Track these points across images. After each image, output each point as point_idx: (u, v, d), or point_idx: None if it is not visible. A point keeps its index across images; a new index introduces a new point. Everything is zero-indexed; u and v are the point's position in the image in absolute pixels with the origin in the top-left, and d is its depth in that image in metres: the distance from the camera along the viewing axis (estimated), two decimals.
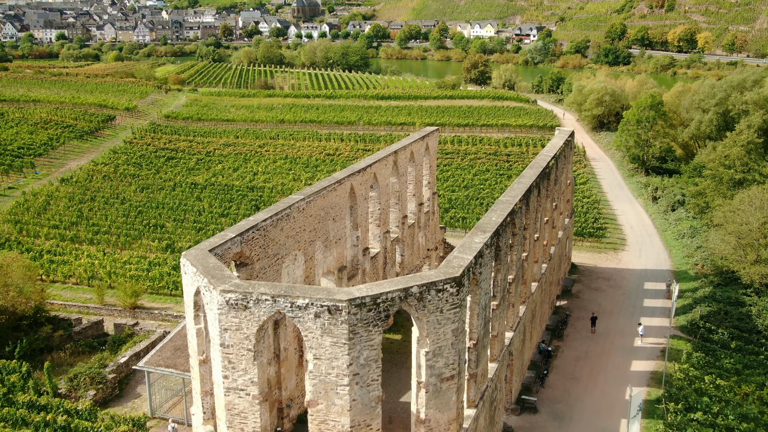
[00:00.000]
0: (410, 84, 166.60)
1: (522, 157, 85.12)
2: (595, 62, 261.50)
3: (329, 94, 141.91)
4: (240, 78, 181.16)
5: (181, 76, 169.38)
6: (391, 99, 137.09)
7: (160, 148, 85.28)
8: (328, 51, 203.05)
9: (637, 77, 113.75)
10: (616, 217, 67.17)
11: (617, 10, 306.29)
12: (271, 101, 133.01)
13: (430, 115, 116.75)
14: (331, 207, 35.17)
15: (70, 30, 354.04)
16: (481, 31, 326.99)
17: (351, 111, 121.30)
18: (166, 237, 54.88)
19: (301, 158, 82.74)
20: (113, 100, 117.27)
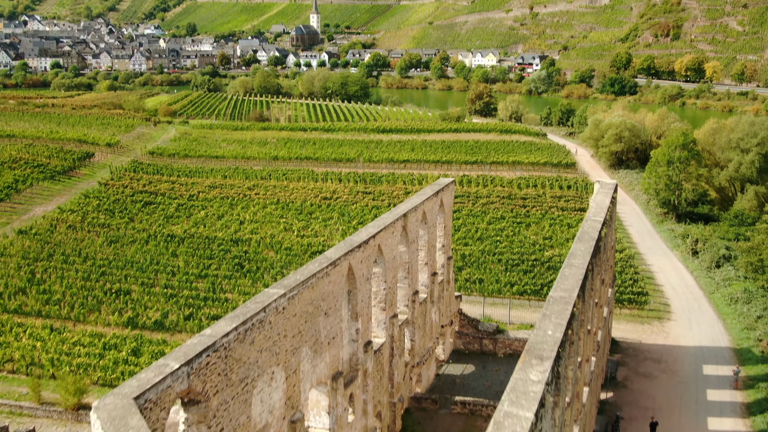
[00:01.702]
0: (412, 116, 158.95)
1: (539, 201, 76.68)
2: (601, 92, 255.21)
3: (327, 127, 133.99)
4: (235, 109, 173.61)
5: (173, 107, 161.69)
6: (392, 132, 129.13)
7: (138, 191, 76.76)
8: (327, 80, 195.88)
9: (658, 111, 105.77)
10: (654, 276, 58.49)
11: (621, 39, 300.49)
12: (265, 135, 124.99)
13: (435, 150, 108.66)
14: (323, 298, 26.62)
15: (66, 58, 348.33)
16: (482, 59, 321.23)
17: (350, 146, 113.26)
18: (130, 307, 46.18)
19: (294, 203, 74.23)
20: (95, 134, 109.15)
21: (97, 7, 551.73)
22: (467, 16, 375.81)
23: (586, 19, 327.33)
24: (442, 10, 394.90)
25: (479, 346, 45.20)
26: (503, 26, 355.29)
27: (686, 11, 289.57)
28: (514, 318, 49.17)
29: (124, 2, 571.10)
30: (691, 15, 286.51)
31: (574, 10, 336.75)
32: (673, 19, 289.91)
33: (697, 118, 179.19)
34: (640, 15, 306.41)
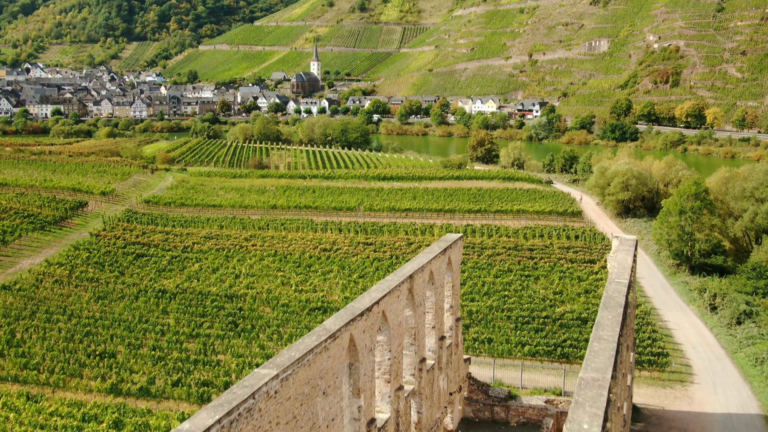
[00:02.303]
0: (413, 162, 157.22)
1: (547, 252, 73.83)
2: (602, 138, 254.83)
3: (327, 174, 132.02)
4: (234, 156, 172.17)
5: (171, 154, 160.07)
6: (393, 180, 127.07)
7: (130, 243, 73.91)
8: (327, 127, 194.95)
9: (664, 158, 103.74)
10: (672, 333, 55.30)
11: (621, 85, 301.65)
12: (264, 182, 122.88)
13: (437, 198, 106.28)
14: (321, 376, 23.61)
15: (66, 105, 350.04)
16: (482, 106, 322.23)
17: (350, 194, 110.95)
18: (114, 371, 42.92)
19: (292, 255, 71.30)
20: (90, 182, 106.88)
21: (100, 55, 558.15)
22: (467, 63, 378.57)
23: (585, 66, 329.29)
24: (442, 58, 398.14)
25: (490, 413, 41.86)
26: (503, 73, 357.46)
27: (685, 58, 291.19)
28: (526, 381, 45.90)
29: (127, 50, 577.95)
30: (689, 62, 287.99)
31: (573, 58, 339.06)
32: (672, 66, 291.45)
33: (700, 165, 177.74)
34: (638, 62, 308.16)
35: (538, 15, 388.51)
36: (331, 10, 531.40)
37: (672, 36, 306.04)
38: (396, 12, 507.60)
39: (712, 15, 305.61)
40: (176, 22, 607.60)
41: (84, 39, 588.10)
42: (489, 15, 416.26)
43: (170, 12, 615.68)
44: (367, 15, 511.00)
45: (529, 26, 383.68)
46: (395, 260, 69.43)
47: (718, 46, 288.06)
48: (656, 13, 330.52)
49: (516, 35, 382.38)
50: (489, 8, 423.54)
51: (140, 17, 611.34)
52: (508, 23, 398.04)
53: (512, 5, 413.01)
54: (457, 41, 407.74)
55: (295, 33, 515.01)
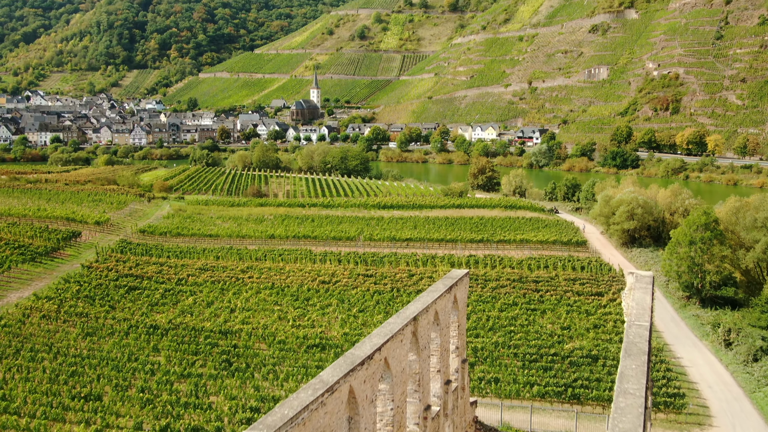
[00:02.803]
0: (414, 190, 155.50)
1: (553, 284, 71.55)
2: (602, 165, 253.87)
3: (326, 203, 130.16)
4: (232, 183, 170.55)
5: (168, 182, 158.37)
6: (394, 208, 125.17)
7: (123, 275, 71.62)
8: (326, 155, 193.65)
9: (670, 187, 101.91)
10: (686, 371, 52.90)
11: (621, 112, 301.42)
12: (262, 211, 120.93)
13: (438, 228, 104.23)
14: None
15: (66, 133, 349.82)
16: (482, 133, 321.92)
17: (350, 223, 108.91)
18: (99, 415, 40.46)
19: (290, 287, 69.00)
20: (84, 212, 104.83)
21: (100, 82, 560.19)
22: (466, 90, 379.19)
23: (584, 94, 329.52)
24: (441, 85, 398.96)
25: None
26: (502, 100, 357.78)
27: (684, 86, 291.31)
28: (536, 425, 43.42)
29: (127, 78, 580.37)
30: (689, 89, 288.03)
31: (573, 85, 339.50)
32: (671, 93, 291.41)
33: (702, 192, 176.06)
34: (638, 89, 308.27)
35: (537, 43, 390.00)
36: (330, 38, 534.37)
37: (671, 64, 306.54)
38: (395, 40, 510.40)
39: (711, 43, 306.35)
40: (177, 50, 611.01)
41: (85, 67, 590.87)
42: (488, 43, 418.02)
43: (171, 40, 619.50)
44: (367, 43, 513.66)
45: (528, 54, 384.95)
46: (396, 293, 67.17)
47: (717, 74, 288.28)
48: (655, 41, 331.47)
49: (515, 63, 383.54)
50: (488, 36, 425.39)
51: (141, 45, 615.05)
52: (507, 51, 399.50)
53: (511, 33, 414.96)
54: (456, 69, 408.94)
55: (295, 61, 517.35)
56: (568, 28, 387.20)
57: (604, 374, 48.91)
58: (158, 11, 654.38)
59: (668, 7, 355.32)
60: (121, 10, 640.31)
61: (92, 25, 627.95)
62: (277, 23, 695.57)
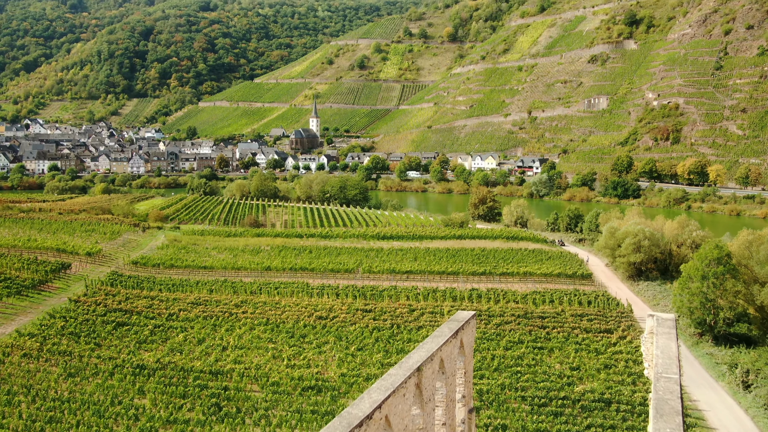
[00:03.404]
0: (414, 221, 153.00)
1: (560, 320, 68.68)
2: (603, 195, 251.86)
3: (324, 233, 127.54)
4: (230, 213, 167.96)
5: (165, 211, 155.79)
6: (393, 239, 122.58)
7: (112, 309, 68.66)
8: (325, 184, 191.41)
9: (677, 218, 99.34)
10: (704, 416, 49.85)
11: (621, 142, 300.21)
12: (259, 242, 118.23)
13: (439, 260, 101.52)
14: None
15: (64, 161, 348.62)
16: (482, 162, 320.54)
17: (348, 255, 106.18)
18: None
19: (285, 324, 66.03)
20: (76, 242, 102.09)
21: (100, 111, 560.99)
22: (466, 120, 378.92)
23: (584, 124, 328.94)
24: (441, 114, 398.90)
25: None
26: (502, 130, 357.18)
27: (685, 116, 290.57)
28: None
29: (127, 107, 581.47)
30: (689, 119, 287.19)
31: (573, 115, 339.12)
32: (672, 123, 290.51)
33: (705, 222, 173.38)
34: (638, 119, 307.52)
35: (536, 73, 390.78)
36: (330, 68, 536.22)
37: (671, 94, 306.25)
38: (395, 70, 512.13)
39: (710, 73, 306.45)
40: (177, 79, 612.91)
41: (85, 95, 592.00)
42: (488, 73, 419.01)
43: (171, 69, 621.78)
44: (366, 73, 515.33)
45: (527, 84, 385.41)
46: (396, 329, 64.27)
47: (717, 104, 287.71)
48: (654, 71, 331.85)
49: (515, 93, 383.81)
50: (488, 66, 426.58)
51: (141, 74, 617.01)
52: (506, 81, 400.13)
53: (510, 63, 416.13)
54: (456, 98, 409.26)
55: (294, 90, 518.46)
56: (567, 58, 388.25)
57: (618, 420, 45.89)
58: (159, 41, 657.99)
59: (667, 38, 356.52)
60: (122, 39, 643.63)
61: (93, 54, 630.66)
62: (277, 53, 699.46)
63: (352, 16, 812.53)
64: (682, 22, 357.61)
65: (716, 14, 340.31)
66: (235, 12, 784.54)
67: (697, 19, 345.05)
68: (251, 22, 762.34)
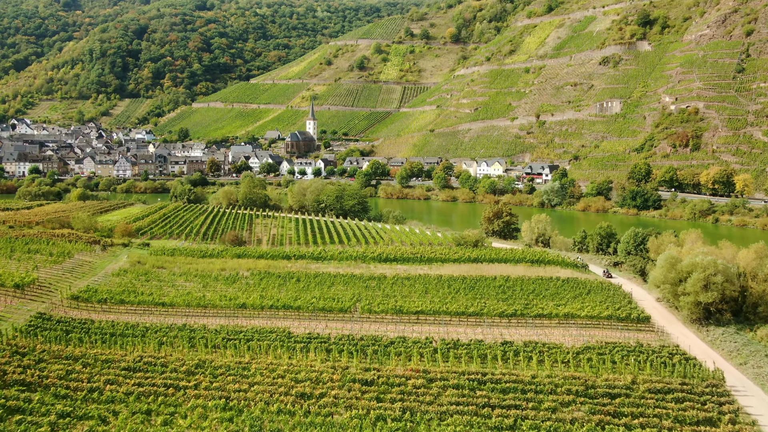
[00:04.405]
0: (419, 237, 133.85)
1: (635, 400, 49.30)
2: (621, 205, 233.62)
3: (317, 253, 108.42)
4: (211, 225, 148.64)
5: (135, 224, 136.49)
6: (398, 262, 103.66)
7: (10, 383, 49.32)
8: (320, 193, 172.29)
9: (753, 246, 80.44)
10: None
11: (636, 148, 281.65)
12: (238, 264, 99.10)
13: (456, 292, 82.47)
14: None
15: (46, 163, 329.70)
16: (488, 169, 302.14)
17: (344, 284, 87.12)
18: None
19: (251, 409, 46.67)
20: (9, 268, 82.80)
21: (90, 111, 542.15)
22: (470, 123, 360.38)
23: (596, 128, 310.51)
24: (444, 118, 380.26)
25: None
26: (508, 134, 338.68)
27: (705, 121, 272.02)
28: None
29: (118, 107, 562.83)
30: (711, 125, 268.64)
31: (584, 119, 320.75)
32: (691, 128, 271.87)
33: (734, 237, 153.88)
34: (655, 124, 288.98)
35: (544, 75, 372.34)
36: (329, 69, 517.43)
37: (690, 97, 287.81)
38: (396, 71, 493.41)
39: (732, 76, 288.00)
40: (171, 79, 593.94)
41: (75, 95, 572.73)
42: (493, 74, 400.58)
43: (165, 69, 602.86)
44: (366, 74, 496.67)
45: (535, 86, 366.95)
46: (410, 419, 45.01)
47: (741, 108, 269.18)
48: (671, 74, 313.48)
49: (522, 95, 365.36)
50: (493, 68, 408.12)
51: (134, 74, 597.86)
52: (513, 83, 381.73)
53: (517, 65, 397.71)
54: (459, 101, 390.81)
55: (291, 91, 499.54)
56: (576, 60, 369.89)
57: None
58: (153, 40, 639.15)
59: (683, 39, 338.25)
60: (115, 38, 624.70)
61: (85, 52, 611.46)
62: (275, 53, 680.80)
63: (351, 17, 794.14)
64: (700, 23, 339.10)
65: (736, 14, 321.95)
66: (232, 11, 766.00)
67: (716, 20, 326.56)
68: (248, 22, 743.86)
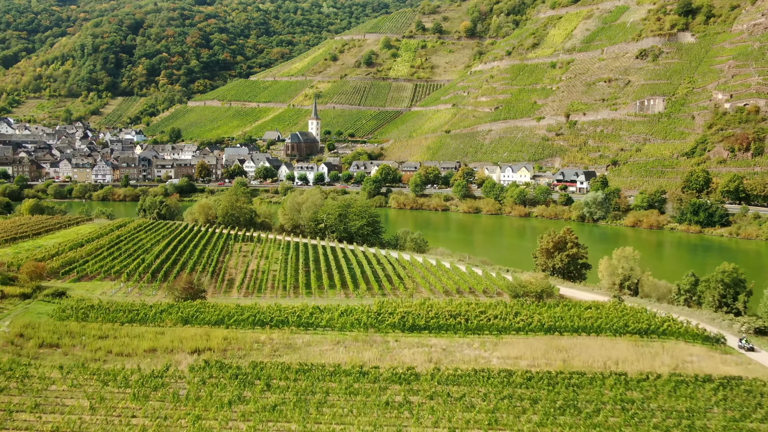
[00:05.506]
0: (452, 276, 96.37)
1: None
2: (679, 221, 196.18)
3: (306, 315, 71.14)
4: (170, 257, 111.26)
5: (48, 264, 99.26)
6: (431, 332, 66.63)
7: None
8: (319, 210, 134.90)
9: None
10: None
11: (686, 153, 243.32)
12: (179, 339, 62.12)
13: (543, 414, 45.25)
14: None
15: (16, 167, 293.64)
16: (514, 175, 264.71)
17: (346, 400, 49.96)
18: None
19: None
20: None
21: (80, 110, 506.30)
22: (490, 124, 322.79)
23: (637, 129, 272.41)
24: (461, 117, 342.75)
25: None
26: (535, 136, 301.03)
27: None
28: None
29: (110, 106, 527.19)
30: None
31: (621, 119, 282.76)
32: (752, 130, 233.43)
33: None
34: (707, 125, 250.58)
35: (573, 70, 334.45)
36: (334, 65, 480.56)
37: (748, 94, 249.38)
38: (406, 67, 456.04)
39: None
40: (166, 76, 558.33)
41: (65, 93, 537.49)
42: (515, 70, 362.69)
43: (160, 66, 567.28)
44: (374, 70, 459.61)
45: (563, 82, 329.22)
46: None
47: None
48: (722, 68, 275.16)
49: (548, 93, 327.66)
50: (514, 62, 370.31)
51: (128, 71, 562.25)
52: (537, 79, 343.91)
53: (541, 59, 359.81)
54: (478, 99, 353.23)
55: (293, 89, 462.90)
56: (609, 53, 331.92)
57: None
58: (149, 35, 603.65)
59: (732, 29, 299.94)
60: (108, 33, 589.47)
61: (76, 48, 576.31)
62: (278, 50, 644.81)
63: (359, 12, 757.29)
64: (751, 11, 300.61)
65: None
66: (234, 6, 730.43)
67: None
68: (250, 17, 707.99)
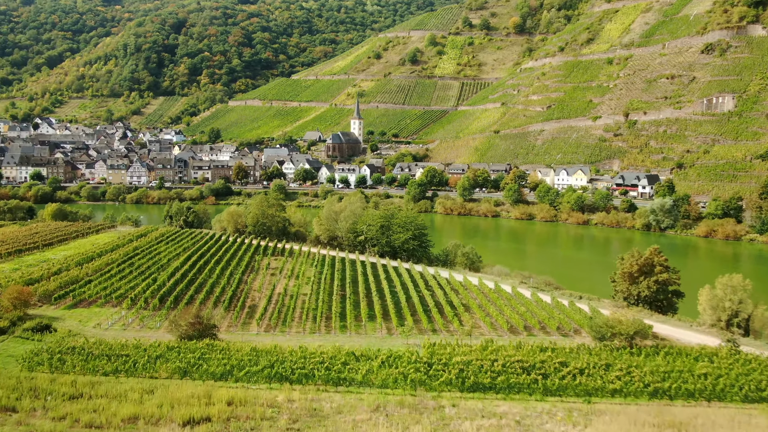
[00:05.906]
0: (515, 304, 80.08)
1: None
2: (759, 231, 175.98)
3: (337, 368, 55.84)
4: (186, 276, 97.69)
5: (39, 287, 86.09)
6: (497, 392, 50.77)
7: None
8: (359, 220, 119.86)
9: None
10: None
11: (761, 155, 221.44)
12: (170, 404, 47.73)
13: None
14: None
15: (51, 168, 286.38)
16: (569, 178, 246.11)
17: None
18: None
19: None
20: None
21: (121, 110, 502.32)
22: (542, 124, 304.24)
23: (704, 129, 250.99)
24: (511, 117, 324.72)
25: None
26: (590, 136, 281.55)
27: None
28: None
29: (151, 106, 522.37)
30: None
31: (686, 118, 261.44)
32: None
33: None
34: None
35: (632, 66, 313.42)
36: (378, 63, 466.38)
37: None
38: (452, 65, 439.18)
39: None
40: (208, 75, 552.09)
41: (107, 93, 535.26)
42: (568, 67, 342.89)
43: (202, 65, 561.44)
44: (419, 68, 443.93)
45: (621, 79, 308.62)
46: None
47: None
48: None
49: (605, 90, 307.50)
50: (567, 59, 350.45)
51: (170, 70, 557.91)
52: (593, 76, 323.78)
53: (597, 55, 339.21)
54: (528, 97, 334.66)
55: (336, 88, 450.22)
56: (671, 48, 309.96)
57: None
58: (191, 34, 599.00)
59: None
60: (151, 32, 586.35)
61: (119, 48, 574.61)
62: (321, 49, 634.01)
63: (403, 10, 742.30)
64: None
65: None
66: (277, 5, 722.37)
67: None
68: (293, 16, 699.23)
